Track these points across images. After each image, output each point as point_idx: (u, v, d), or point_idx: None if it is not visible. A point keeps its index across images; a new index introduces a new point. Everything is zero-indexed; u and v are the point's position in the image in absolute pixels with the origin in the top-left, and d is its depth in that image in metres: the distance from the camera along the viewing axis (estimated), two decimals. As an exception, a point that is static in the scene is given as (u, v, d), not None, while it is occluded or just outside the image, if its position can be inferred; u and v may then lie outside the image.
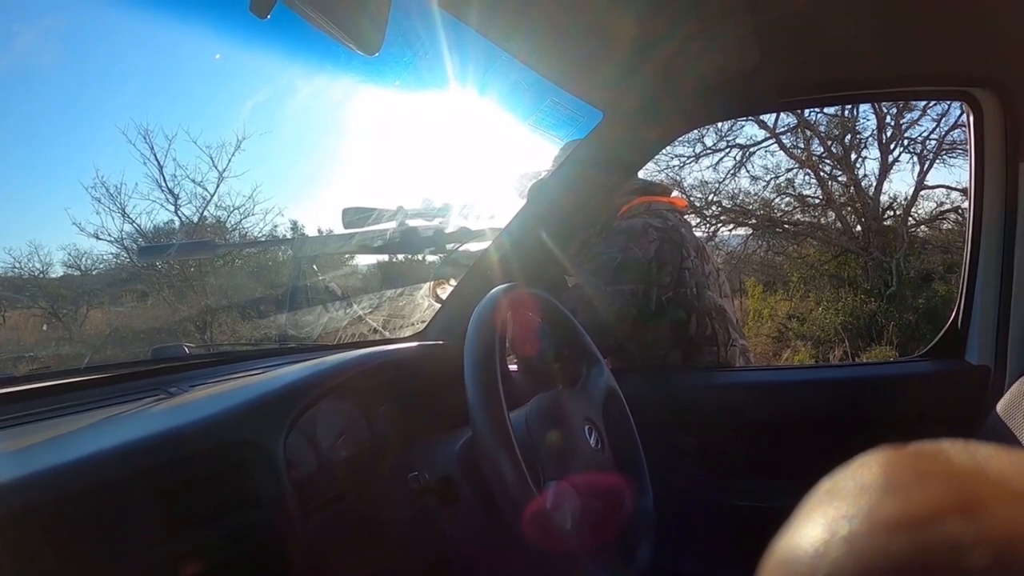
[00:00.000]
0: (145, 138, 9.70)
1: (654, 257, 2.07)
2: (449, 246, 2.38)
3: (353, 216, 2.34)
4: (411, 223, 2.42)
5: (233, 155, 10.02)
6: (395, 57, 1.61)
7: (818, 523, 0.25)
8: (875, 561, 0.22)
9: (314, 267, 2.46)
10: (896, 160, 11.49)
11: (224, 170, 10.08)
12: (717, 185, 12.37)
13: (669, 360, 2.14)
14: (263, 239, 10.64)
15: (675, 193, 2.39)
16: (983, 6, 1.51)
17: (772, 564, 0.25)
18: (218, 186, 10.18)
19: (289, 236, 9.80)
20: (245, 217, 10.52)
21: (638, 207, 2.25)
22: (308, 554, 1.11)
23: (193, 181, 10.30)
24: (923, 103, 10.70)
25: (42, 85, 10.43)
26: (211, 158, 10.11)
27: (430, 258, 2.47)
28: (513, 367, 1.66)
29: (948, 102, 10.05)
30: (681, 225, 2.23)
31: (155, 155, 9.78)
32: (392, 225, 2.40)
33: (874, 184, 11.62)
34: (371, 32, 1.02)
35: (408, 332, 2.24)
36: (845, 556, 0.23)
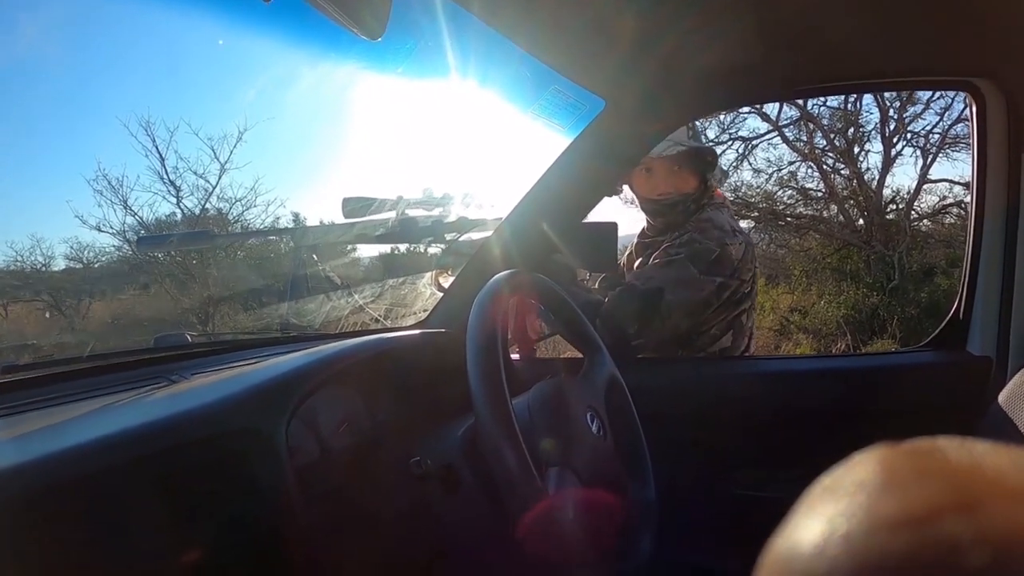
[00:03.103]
0: (147, 130, 9.76)
1: (741, 257, 2.14)
2: (448, 236, 2.38)
3: (353, 205, 2.34)
4: (411, 213, 2.42)
5: (235, 147, 10.06)
6: (397, 44, 1.61)
7: (816, 521, 0.25)
8: (873, 559, 0.23)
9: (314, 256, 2.46)
10: (899, 154, 11.51)
11: (226, 162, 10.11)
12: (720, 177, 12.37)
13: (719, 344, 2.22)
14: (263, 229, 10.65)
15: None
16: (986, -4, 1.50)
17: (770, 561, 0.26)
18: (220, 178, 10.22)
19: (290, 226, 9.81)
20: (247, 209, 10.56)
21: (717, 198, 2.31)
22: (309, 542, 1.10)
23: (195, 173, 10.39)
24: (926, 97, 10.73)
25: (43, 78, 10.45)
26: (213, 150, 10.17)
27: (433, 248, 2.48)
28: (516, 355, 1.66)
29: (951, 96, 10.08)
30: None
31: (157, 147, 9.83)
32: (392, 215, 2.40)
33: (877, 178, 11.63)
34: (374, 16, 1.02)
35: (411, 321, 2.24)
36: (843, 554, 0.23)
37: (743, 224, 10.73)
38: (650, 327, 2.03)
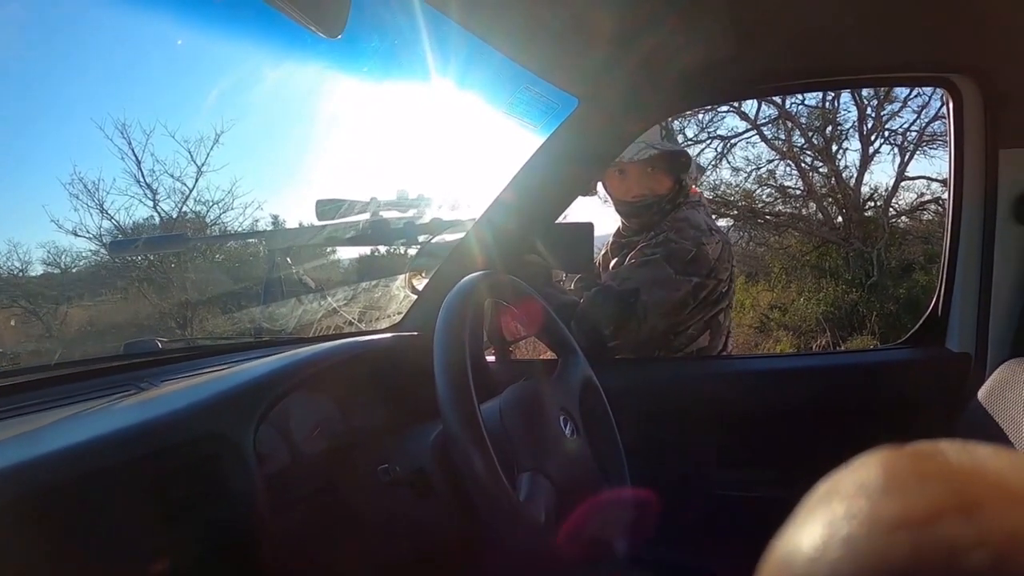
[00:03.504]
0: (122, 133, 9.63)
1: (718, 257, 2.14)
2: (421, 238, 2.38)
3: (327, 207, 2.34)
4: (385, 214, 2.42)
5: (212, 149, 9.98)
6: (367, 44, 1.60)
7: (817, 523, 0.25)
8: (874, 562, 0.22)
9: (288, 260, 2.45)
10: (877, 151, 11.63)
11: (203, 164, 10.04)
12: (696, 174, 12.39)
13: (696, 344, 2.21)
14: (237, 232, 10.66)
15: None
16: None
17: (771, 564, 0.25)
18: (197, 180, 10.14)
19: (266, 229, 9.77)
20: (224, 212, 10.49)
21: (693, 196, 2.31)
22: (282, 548, 1.09)
23: (172, 176, 10.31)
24: (904, 94, 10.83)
25: (17, 81, 10.35)
26: (189, 152, 10.08)
27: (411, 251, 2.47)
28: (491, 357, 1.65)
29: (928, 93, 10.18)
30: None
31: (133, 150, 9.72)
32: (365, 216, 2.40)
33: (855, 175, 11.72)
34: (332, 14, 1.01)
35: (385, 324, 2.23)
36: (844, 557, 0.23)
37: (721, 222, 10.81)
38: (626, 328, 2.02)
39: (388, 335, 1.67)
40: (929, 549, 0.22)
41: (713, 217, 2.31)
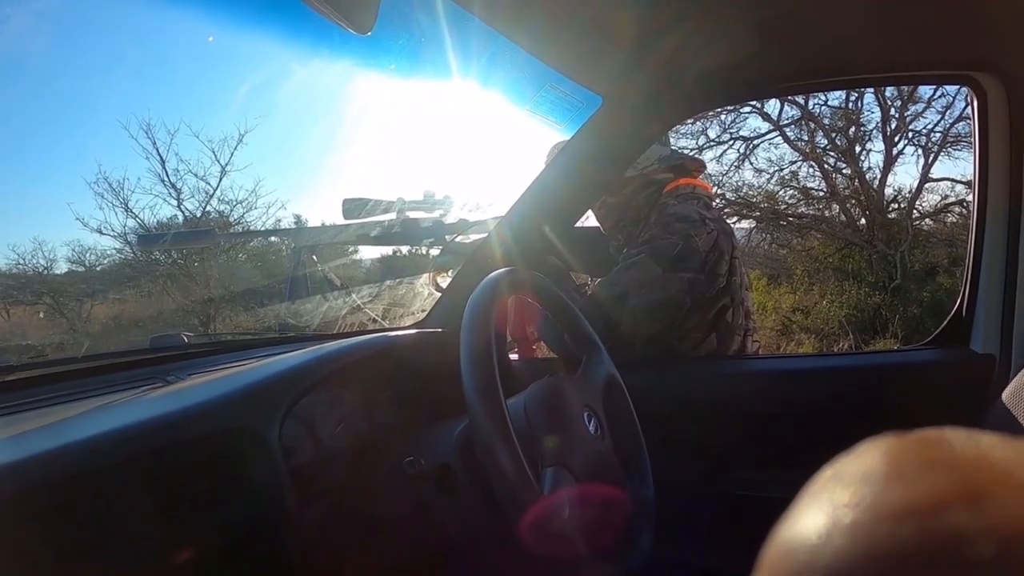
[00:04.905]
0: (147, 133, 9.73)
1: (712, 248, 2.05)
2: (448, 237, 2.37)
3: (353, 206, 2.34)
4: (411, 214, 2.42)
5: (235, 149, 10.04)
6: (393, 41, 1.61)
7: (821, 511, 0.25)
8: (878, 550, 0.22)
9: (313, 257, 2.47)
10: (901, 152, 11.53)
11: (227, 164, 10.10)
12: (721, 177, 12.38)
13: (704, 347, 2.12)
14: (264, 230, 10.68)
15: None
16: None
17: (774, 552, 0.25)
18: (220, 180, 10.21)
19: (292, 227, 9.80)
20: (248, 211, 10.54)
21: (684, 188, 2.23)
22: (305, 543, 1.10)
23: (196, 175, 10.38)
24: (928, 95, 10.74)
25: (43, 81, 10.45)
26: (213, 152, 10.15)
27: (434, 250, 2.48)
28: (515, 355, 1.65)
29: (953, 94, 10.09)
30: (720, 213, 2.23)
31: (157, 150, 9.81)
32: (391, 216, 2.41)
33: (878, 177, 11.64)
34: (363, 10, 1.01)
35: (409, 321, 2.23)
36: (848, 544, 0.23)
37: (743, 224, 10.74)
38: (617, 335, 1.95)
39: (412, 331, 1.68)
40: (934, 537, 0.22)
41: (711, 208, 2.23)
